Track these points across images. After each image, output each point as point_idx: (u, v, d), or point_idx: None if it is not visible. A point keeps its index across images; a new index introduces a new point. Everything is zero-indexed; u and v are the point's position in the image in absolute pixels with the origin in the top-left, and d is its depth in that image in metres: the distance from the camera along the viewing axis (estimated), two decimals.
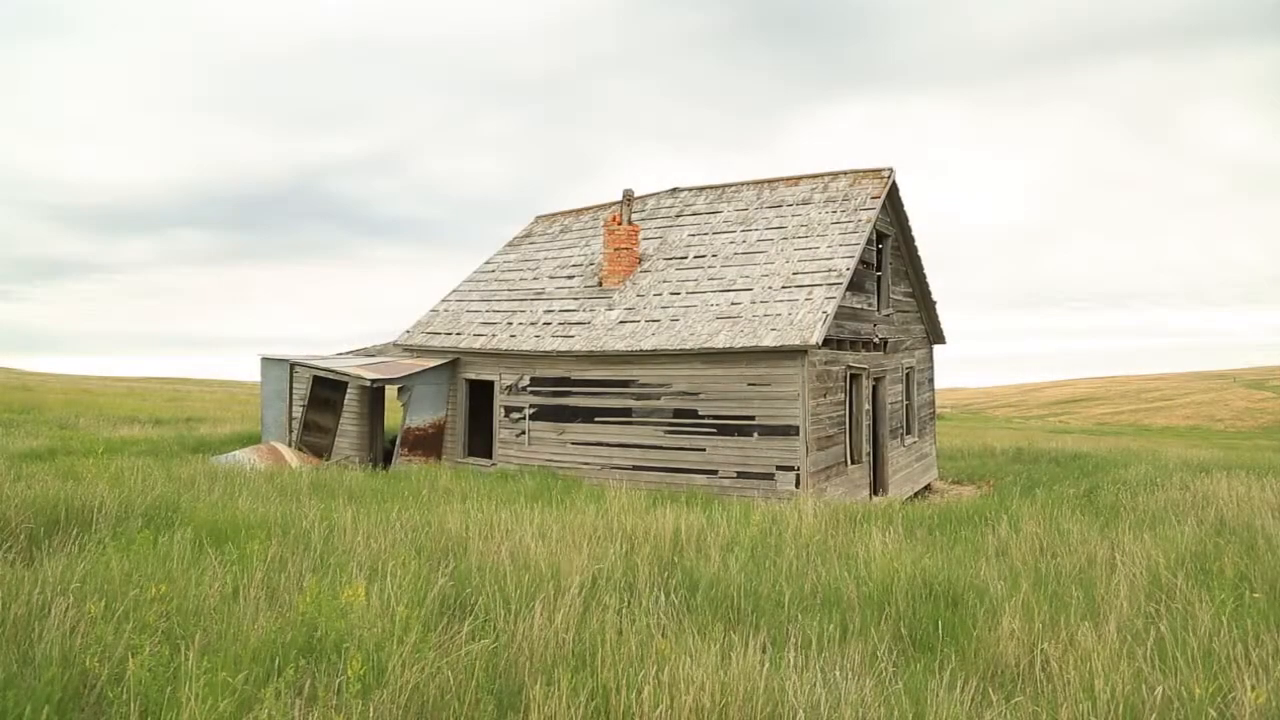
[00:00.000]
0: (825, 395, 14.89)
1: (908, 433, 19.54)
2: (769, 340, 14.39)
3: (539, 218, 23.12)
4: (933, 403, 22.61)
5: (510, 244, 22.37)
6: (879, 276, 18.02)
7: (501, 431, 17.77)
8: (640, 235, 18.82)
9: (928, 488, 20.17)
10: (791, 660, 4.76)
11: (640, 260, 18.50)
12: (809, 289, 15.30)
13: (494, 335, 18.46)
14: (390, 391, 19.76)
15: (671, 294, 16.97)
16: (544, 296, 19.08)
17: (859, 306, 16.67)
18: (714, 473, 14.94)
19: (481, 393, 18.68)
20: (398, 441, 17.99)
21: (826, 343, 14.68)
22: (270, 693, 4.05)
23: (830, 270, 15.54)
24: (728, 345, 14.72)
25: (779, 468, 14.30)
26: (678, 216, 19.58)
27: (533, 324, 18.20)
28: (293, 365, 19.61)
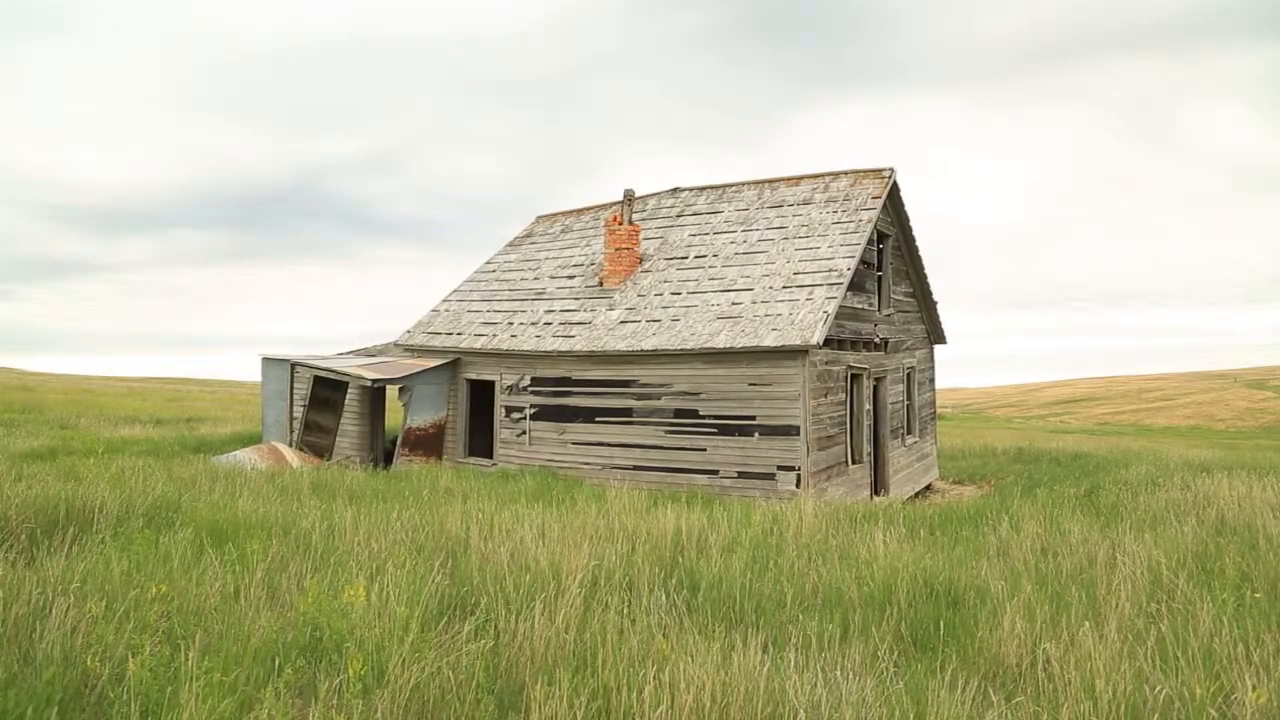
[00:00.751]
0: (826, 395, 14.89)
1: (908, 433, 19.53)
2: (770, 340, 14.39)
3: (540, 218, 23.12)
4: (933, 403, 22.60)
5: (511, 244, 22.38)
6: (880, 276, 18.02)
7: (502, 431, 17.77)
8: (641, 235, 18.82)
9: (929, 488, 20.16)
10: (792, 660, 4.76)
11: (641, 260, 18.50)
12: (810, 289, 15.30)
13: (495, 335, 18.46)
14: (391, 391, 19.76)
15: (672, 294, 16.96)
16: (545, 296, 19.08)
17: (860, 306, 16.66)
18: (715, 473, 14.93)
19: (482, 393, 18.68)
20: (398, 441, 17.99)
21: (827, 343, 14.67)
22: (270, 693, 4.05)
23: (831, 270, 15.53)
24: (729, 345, 14.71)
25: (780, 468, 14.29)
26: (678, 216, 19.58)
27: (533, 324, 18.20)
28: (293, 365, 19.62)
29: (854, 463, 16.03)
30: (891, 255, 18.63)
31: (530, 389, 17.36)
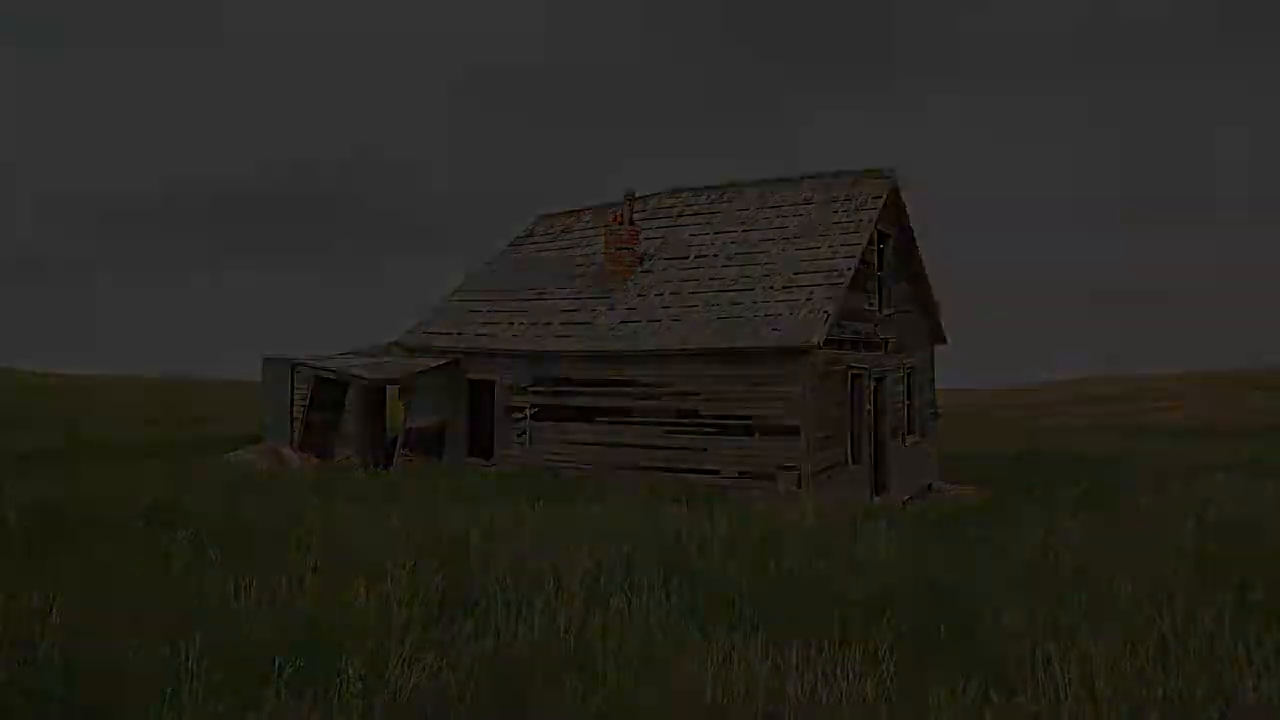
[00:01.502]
0: (826, 395, 14.88)
1: (909, 432, 19.52)
2: (770, 340, 14.39)
3: (540, 217, 23.11)
4: (934, 402, 22.59)
5: (512, 244, 22.37)
6: (880, 277, 18.01)
7: (503, 431, 17.76)
8: (642, 235, 18.80)
9: (929, 488, 20.16)
10: (793, 660, 4.76)
11: (641, 260, 18.49)
12: (810, 289, 15.29)
13: (495, 335, 18.46)
14: (391, 391, 19.76)
15: (673, 294, 16.96)
16: (545, 296, 19.07)
17: (860, 306, 16.66)
18: (715, 472, 14.93)
19: (483, 393, 18.68)
20: (399, 441, 17.99)
21: (828, 343, 14.67)
22: (271, 693, 4.05)
23: (831, 270, 15.52)
24: (729, 345, 14.72)
25: (780, 467, 14.29)
26: (679, 216, 19.57)
27: (534, 324, 18.20)
28: (294, 365, 19.61)
29: (854, 463, 16.03)
30: (892, 255, 18.62)
31: (531, 389, 17.36)
